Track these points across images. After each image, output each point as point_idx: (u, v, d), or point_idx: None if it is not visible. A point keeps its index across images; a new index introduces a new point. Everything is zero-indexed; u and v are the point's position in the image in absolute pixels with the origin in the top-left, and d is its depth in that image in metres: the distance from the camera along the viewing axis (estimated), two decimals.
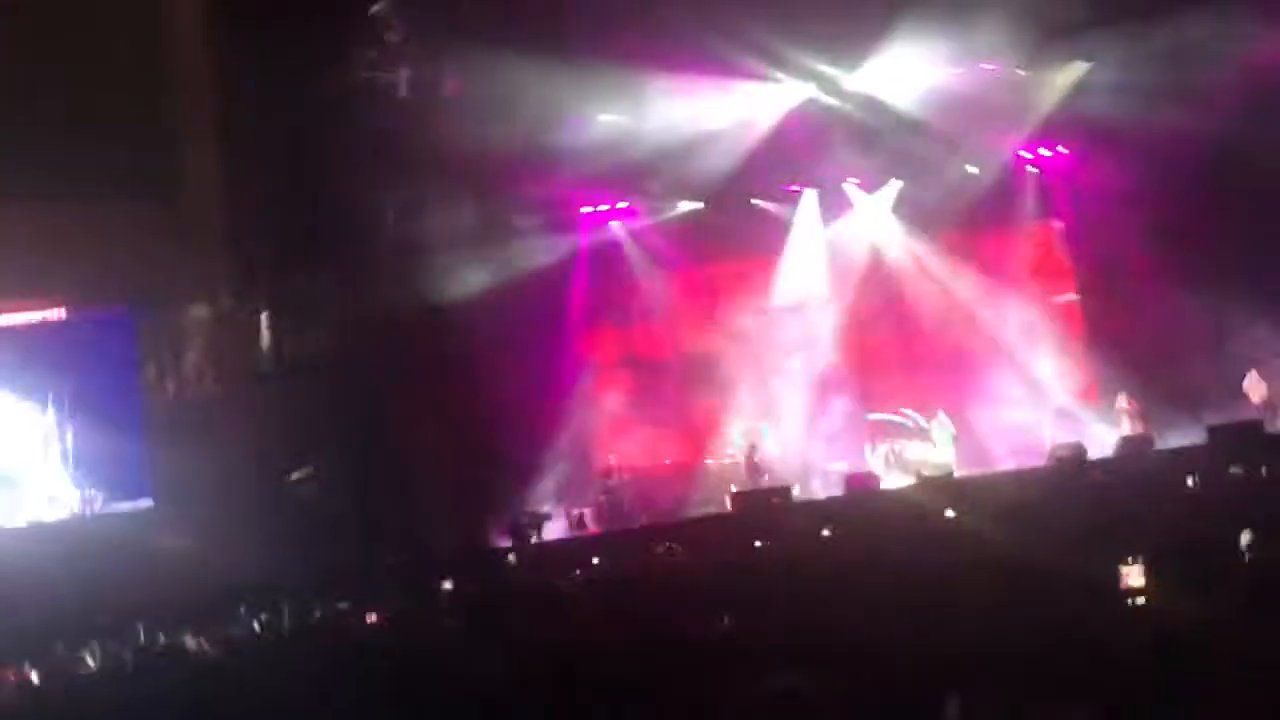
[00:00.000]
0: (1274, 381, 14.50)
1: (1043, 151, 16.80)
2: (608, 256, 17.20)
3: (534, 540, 13.67)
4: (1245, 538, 5.32)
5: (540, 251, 15.81)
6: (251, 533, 12.64)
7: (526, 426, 15.24)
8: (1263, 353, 14.47)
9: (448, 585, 10.59)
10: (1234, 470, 9.72)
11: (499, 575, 11.76)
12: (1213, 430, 13.28)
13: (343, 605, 9.84)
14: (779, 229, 17.29)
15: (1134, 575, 4.00)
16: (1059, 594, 4.40)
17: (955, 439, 16.07)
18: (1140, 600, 4.00)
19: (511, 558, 13.00)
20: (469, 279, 14.61)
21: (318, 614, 9.56)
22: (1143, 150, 14.63)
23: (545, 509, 14.58)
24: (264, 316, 14.51)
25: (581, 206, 16.88)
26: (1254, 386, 14.62)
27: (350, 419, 13.65)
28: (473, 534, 13.81)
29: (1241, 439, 12.74)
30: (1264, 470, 9.59)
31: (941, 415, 16.29)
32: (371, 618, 8.74)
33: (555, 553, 12.76)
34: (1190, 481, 9.23)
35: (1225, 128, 14.01)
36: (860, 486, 14.24)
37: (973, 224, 16.84)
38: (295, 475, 13.72)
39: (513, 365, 14.97)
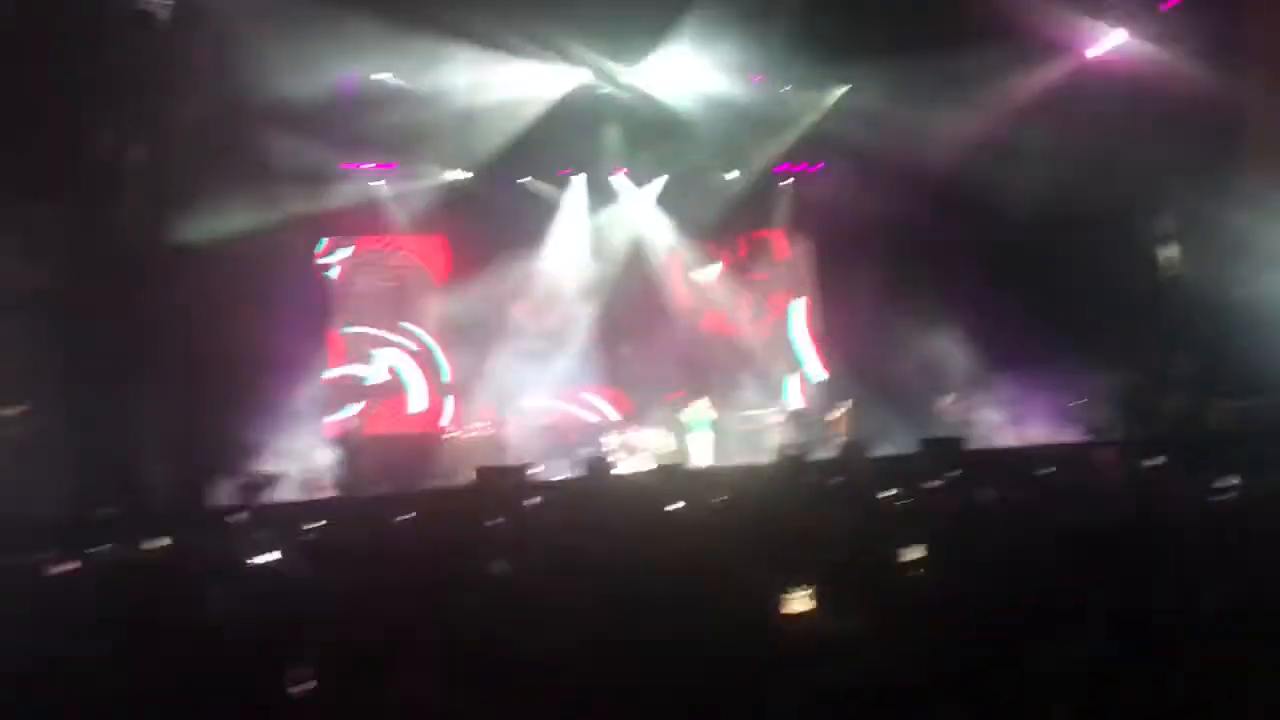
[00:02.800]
0: (968, 408, 15.82)
1: (796, 166, 17.71)
2: (368, 215, 16.95)
3: (262, 501, 13.31)
4: (916, 553, 5.72)
5: (296, 202, 15.38)
6: None
7: (264, 382, 14.81)
8: (965, 380, 15.80)
9: (165, 541, 10.21)
10: (931, 484, 10.53)
11: (221, 534, 11.39)
12: (924, 443, 14.36)
13: (43, 554, 9.29)
14: (546, 211, 17.51)
15: (798, 601, 4.20)
16: (738, 596, 4.62)
17: (695, 431, 16.67)
18: (799, 622, 4.21)
19: (239, 517, 12.61)
20: (216, 224, 14.03)
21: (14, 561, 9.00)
22: (888, 175, 15.63)
23: (277, 470, 14.22)
24: None
25: (344, 162, 16.53)
26: (949, 409, 15.93)
27: (73, 360, 12.86)
28: (198, 491, 13.31)
29: (946, 453, 13.81)
30: (958, 484, 10.41)
31: (696, 404, 16.87)
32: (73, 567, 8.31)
33: (283, 515, 12.42)
34: (892, 491, 9.89)
35: (967, 164, 15.15)
36: (596, 471, 14.55)
37: (729, 228, 17.60)
38: (5, 413, 12.84)
39: (255, 318, 14.49)
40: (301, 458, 15.08)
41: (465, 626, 3.63)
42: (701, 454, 16.25)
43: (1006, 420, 15.34)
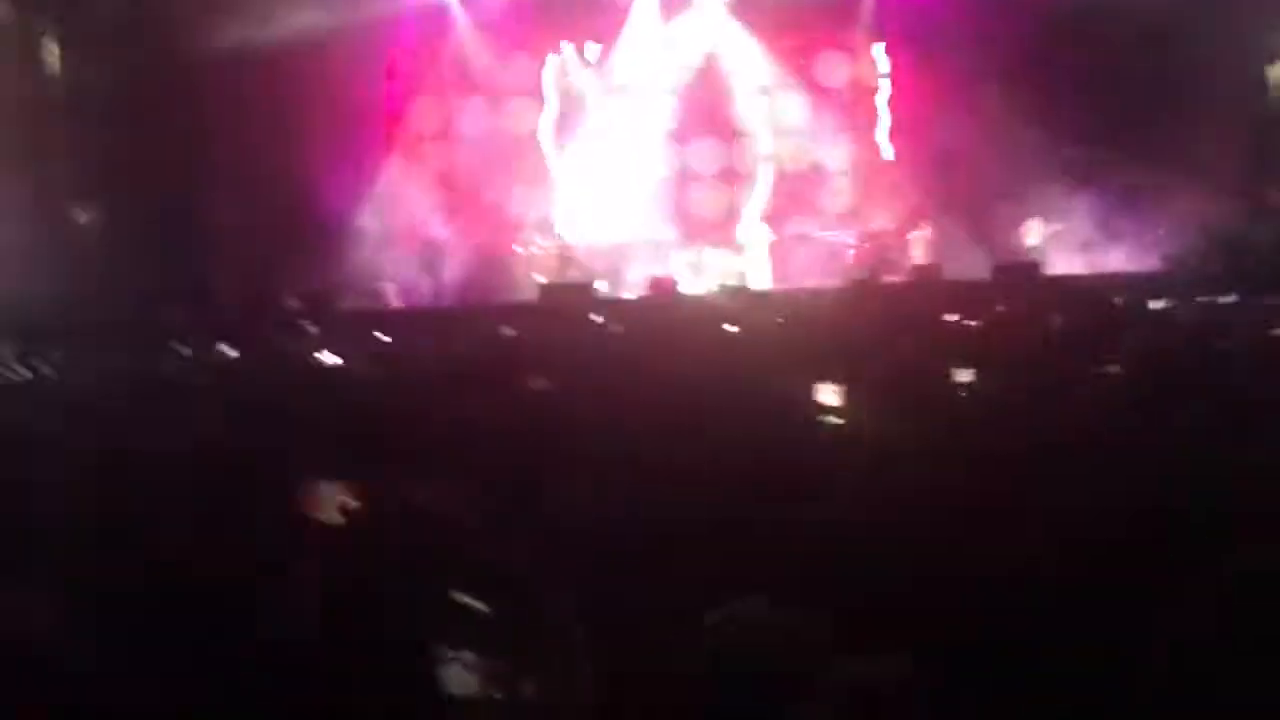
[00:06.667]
0: (1049, 231, 15.31)
1: None
2: (433, 20, 16.58)
3: (330, 313, 13.50)
4: (965, 375, 5.59)
5: (360, 4, 15.05)
6: (23, 270, 12.04)
7: (332, 192, 14.82)
8: (1042, 204, 15.24)
9: (230, 351, 10.46)
10: (1000, 309, 10.32)
11: (286, 344, 11.62)
12: (997, 268, 14.07)
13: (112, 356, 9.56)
14: (618, 14, 16.95)
15: (829, 392, 4.17)
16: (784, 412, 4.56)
17: (771, 251, 16.45)
18: (835, 419, 4.17)
19: (309, 327, 12.85)
20: (281, 24, 13.81)
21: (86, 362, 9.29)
22: None
23: (343, 281, 14.39)
24: (52, 39, 13.43)
25: None
26: (1030, 232, 15.45)
27: (140, 163, 12.93)
28: (265, 300, 13.55)
29: (1022, 278, 13.54)
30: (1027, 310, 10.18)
31: (755, 225, 16.63)
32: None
33: (350, 325, 12.60)
34: (955, 317, 9.71)
35: None
36: (661, 290, 14.52)
37: (806, 38, 16.89)
38: (78, 217, 13.08)
39: (322, 122, 14.42)
40: (370, 270, 15.21)
41: (494, 441, 3.63)
42: (757, 277, 16.07)
43: (1085, 246, 14.87)
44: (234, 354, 10.30)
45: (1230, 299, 8.06)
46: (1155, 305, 8.27)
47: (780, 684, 1.51)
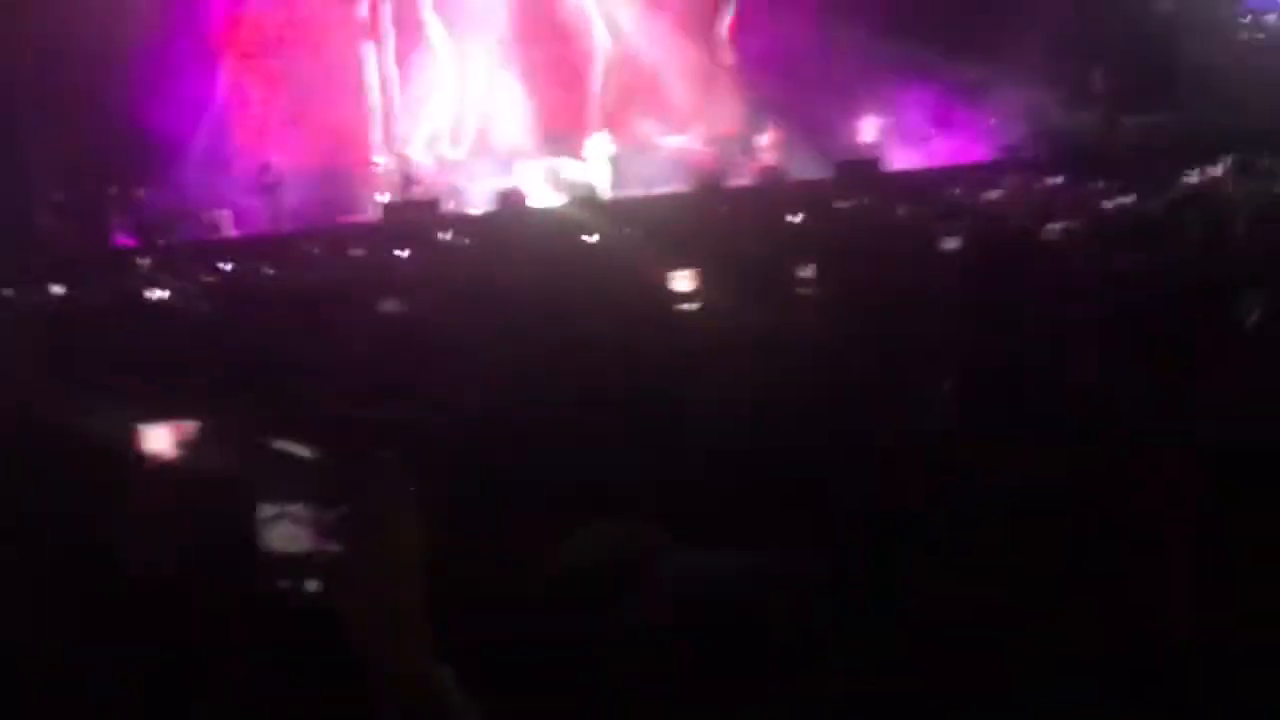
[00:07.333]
0: (883, 126, 15.66)
1: None
2: None
3: (162, 243, 12.96)
4: (808, 270, 5.75)
5: None
6: None
7: (159, 111, 14.06)
8: (877, 101, 15.55)
9: (58, 289, 9.97)
10: (839, 204, 10.54)
11: (122, 280, 11.13)
12: (838, 165, 14.32)
13: None
14: None
15: (685, 280, 4.25)
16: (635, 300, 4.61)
17: (614, 160, 16.36)
18: (689, 305, 4.27)
19: (142, 261, 12.32)
20: None
21: None
22: None
23: (175, 210, 13.78)
24: None
25: None
26: (867, 129, 15.78)
27: None
28: (95, 234, 12.90)
29: (862, 175, 13.81)
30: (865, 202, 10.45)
31: (599, 135, 16.49)
32: None
33: (188, 256, 12.11)
34: (799, 217, 9.88)
35: None
36: (510, 203, 14.31)
37: None
38: None
39: (142, 40, 13.66)
40: (203, 195, 14.58)
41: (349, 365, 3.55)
42: (604, 186, 15.99)
43: (921, 140, 15.24)
44: (61, 293, 9.84)
45: (1057, 181, 8.41)
46: (989, 194, 8.54)
47: (609, 581, 1.49)
